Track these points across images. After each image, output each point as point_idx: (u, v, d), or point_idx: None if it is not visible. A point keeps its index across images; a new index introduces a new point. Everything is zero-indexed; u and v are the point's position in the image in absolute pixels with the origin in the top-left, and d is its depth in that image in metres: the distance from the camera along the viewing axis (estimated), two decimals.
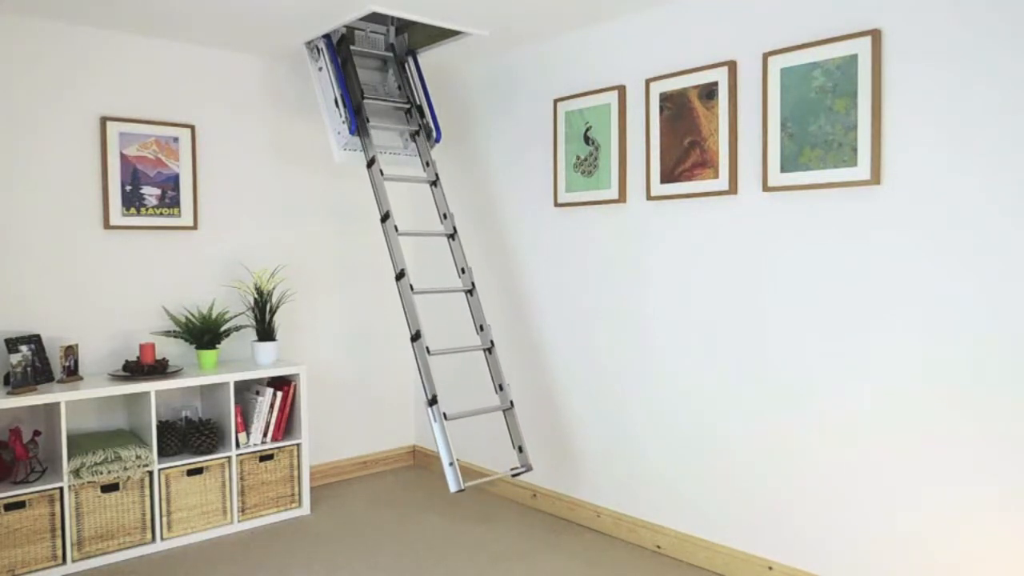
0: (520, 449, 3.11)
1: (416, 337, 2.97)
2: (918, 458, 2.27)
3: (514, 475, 3.08)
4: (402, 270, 3.03)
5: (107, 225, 3.22)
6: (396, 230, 3.08)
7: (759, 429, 2.67)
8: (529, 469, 3.08)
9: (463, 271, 3.25)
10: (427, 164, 3.39)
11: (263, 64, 3.68)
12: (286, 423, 3.46)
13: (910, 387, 2.28)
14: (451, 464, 2.85)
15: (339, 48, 3.30)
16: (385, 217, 3.10)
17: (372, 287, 4.11)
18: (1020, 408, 2.07)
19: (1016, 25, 2.04)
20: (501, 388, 3.15)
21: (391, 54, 3.48)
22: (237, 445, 3.26)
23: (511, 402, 3.14)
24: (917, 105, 2.23)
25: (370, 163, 3.18)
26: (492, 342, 3.19)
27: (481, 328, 3.20)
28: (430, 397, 2.91)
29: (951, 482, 2.21)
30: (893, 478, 2.33)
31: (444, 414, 2.91)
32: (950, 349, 2.19)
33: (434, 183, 3.35)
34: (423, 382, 2.93)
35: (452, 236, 3.28)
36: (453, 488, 2.83)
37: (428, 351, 2.96)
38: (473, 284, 3.23)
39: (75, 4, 2.87)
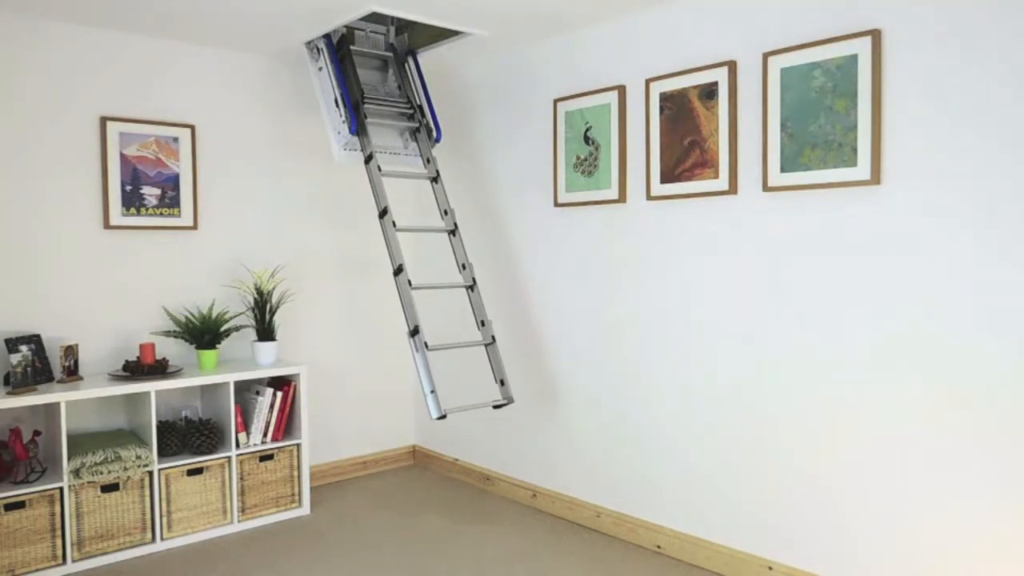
0: (502, 383, 3.16)
1: (398, 271, 3.04)
2: (919, 459, 2.27)
3: (496, 407, 3.13)
4: (385, 208, 3.10)
5: (107, 225, 3.22)
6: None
7: (759, 429, 2.67)
8: (511, 401, 3.14)
9: (463, 267, 3.27)
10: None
11: (263, 64, 3.67)
12: (286, 423, 3.46)
13: (912, 387, 2.28)
14: (432, 392, 2.92)
15: (339, 48, 3.30)
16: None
17: (372, 287, 4.11)
18: (1023, 408, 2.07)
19: (1016, 24, 2.04)
20: (483, 324, 3.20)
21: (391, 54, 3.48)
22: (237, 445, 3.26)
23: (492, 337, 3.20)
24: (917, 105, 2.23)
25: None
26: (474, 279, 3.25)
27: (463, 267, 3.27)
28: (412, 328, 2.97)
29: (952, 482, 2.21)
30: (895, 479, 2.33)
31: (426, 344, 2.98)
32: (950, 349, 2.19)
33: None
34: (405, 315, 3.00)
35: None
36: (434, 414, 2.88)
37: (410, 284, 3.04)
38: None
39: (75, 4, 2.87)
